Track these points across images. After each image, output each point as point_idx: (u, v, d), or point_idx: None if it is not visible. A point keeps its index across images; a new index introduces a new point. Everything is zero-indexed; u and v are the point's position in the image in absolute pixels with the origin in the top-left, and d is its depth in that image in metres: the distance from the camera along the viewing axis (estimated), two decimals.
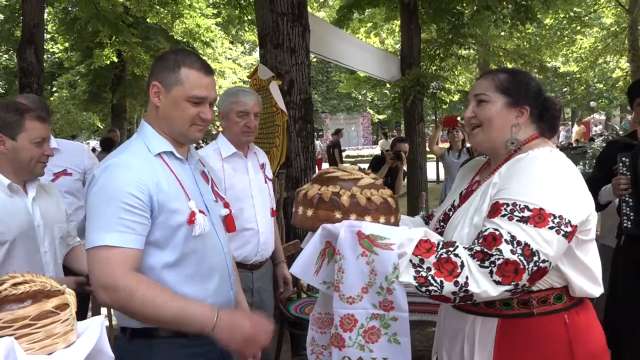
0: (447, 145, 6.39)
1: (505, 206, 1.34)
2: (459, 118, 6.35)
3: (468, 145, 6.21)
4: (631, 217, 2.70)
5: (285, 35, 4.59)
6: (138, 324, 1.55)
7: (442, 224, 1.60)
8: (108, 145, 8.35)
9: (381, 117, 32.11)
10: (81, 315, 2.67)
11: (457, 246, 1.31)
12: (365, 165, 6.58)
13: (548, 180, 1.35)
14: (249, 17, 10.11)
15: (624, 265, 2.73)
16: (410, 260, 1.30)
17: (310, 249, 1.39)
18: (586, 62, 20.79)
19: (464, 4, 9.44)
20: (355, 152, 28.04)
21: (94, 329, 0.92)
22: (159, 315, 1.42)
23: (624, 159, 2.76)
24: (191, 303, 1.48)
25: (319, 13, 16.80)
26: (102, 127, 19.24)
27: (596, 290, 1.45)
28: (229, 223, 1.79)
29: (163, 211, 1.50)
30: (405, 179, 6.97)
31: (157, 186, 1.51)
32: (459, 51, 10.96)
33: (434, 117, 12.58)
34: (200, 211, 1.57)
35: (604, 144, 6.73)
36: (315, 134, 25.19)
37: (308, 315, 3.11)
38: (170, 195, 1.52)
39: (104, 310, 3.40)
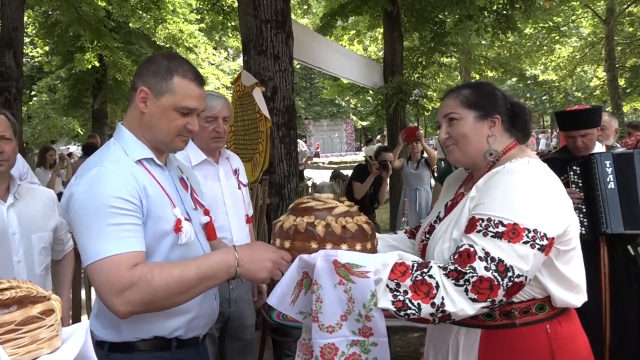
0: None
1: (480, 222, 1.34)
2: (420, 128, 6.35)
3: (426, 156, 6.27)
4: (585, 224, 2.77)
5: (269, 42, 4.61)
6: (117, 337, 1.51)
7: (427, 236, 1.60)
8: (91, 151, 8.23)
9: (364, 123, 32.30)
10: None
11: (432, 266, 1.32)
12: (349, 172, 6.61)
13: (523, 194, 1.35)
14: (233, 23, 10.12)
15: None
16: (387, 285, 1.30)
17: (287, 279, 1.40)
18: (565, 71, 21.24)
19: (446, 13, 9.57)
20: (339, 158, 28.12)
21: (79, 335, 0.92)
22: (186, 284, 1.38)
23: (575, 167, 2.85)
24: (206, 256, 1.47)
25: (302, 20, 16.87)
26: (82, 132, 18.99)
27: (578, 300, 1.46)
28: (209, 231, 1.74)
29: (150, 217, 1.46)
30: (388, 187, 7.02)
31: (144, 190, 1.46)
32: (441, 59, 11.10)
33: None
34: (186, 219, 1.54)
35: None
36: (305, 141, 25.25)
37: (291, 322, 3.12)
38: (155, 202, 1.48)
39: (84, 318, 3.36)
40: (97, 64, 14.01)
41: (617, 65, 17.65)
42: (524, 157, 1.47)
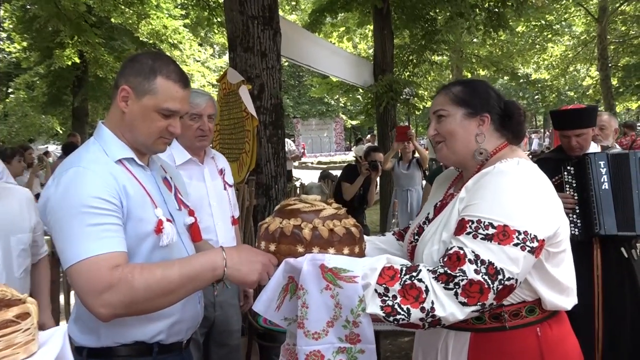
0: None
1: (470, 223, 1.35)
2: (411, 127, 6.31)
3: (417, 156, 6.28)
4: (578, 225, 2.80)
5: (256, 38, 4.60)
6: (96, 342, 1.49)
7: (416, 237, 1.61)
8: (71, 150, 8.07)
9: (354, 122, 32.37)
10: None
11: (421, 270, 1.32)
12: (338, 172, 6.61)
13: (513, 195, 1.35)
14: (219, 19, 10.09)
15: None
16: (375, 290, 1.30)
17: (273, 284, 1.39)
18: (557, 70, 21.49)
19: (437, 10, 9.63)
20: (328, 158, 28.15)
21: (57, 339, 0.91)
22: (168, 285, 1.35)
23: (569, 167, 2.88)
24: (191, 256, 1.46)
25: (290, 16, 16.86)
26: (61, 131, 18.79)
27: (568, 302, 1.47)
28: (194, 232, 1.73)
29: (130, 219, 1.45)
30: (378, 187, 7.03)
31: (124, 190, 1.45)
32: (432, 57, 11.17)
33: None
34: (168, 220, 1.53)
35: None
36: (293, 140, 25.23)
37: (278, 327, 3.11)
38: (136, 202, 1.47)
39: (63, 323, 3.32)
40: (78, 61, 13.85)
41: (609, 65, 17.88)
42: (514, 158, 1.48)
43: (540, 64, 21.78)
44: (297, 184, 8.75)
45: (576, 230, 2.79)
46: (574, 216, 2.81)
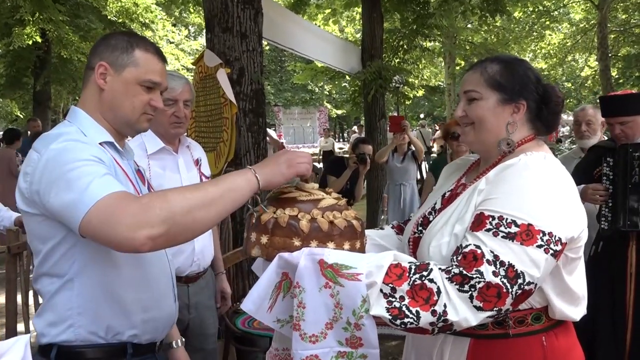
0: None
1: (490, 219, 1.32)
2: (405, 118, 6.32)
3: (413, 148, 6.29)
4: (609, 218, 2.86)
5: (236, 18, 4.54)
6: (68, 333, 1.47)
7: (420, 228, 1.57)
8: (10, 138, 7.91)
9: (339, 112, 32.36)
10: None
11: (432, 269, 1.29)
12: (322, 165, 6.59)
13: (539, 192, 1.33)
14: None
15: (598, 276, 2.80)
16: (381, 290, 1.27)
17: (265, 281, 1.34)
18: (555, 59, 21.71)
19: None
20: (311, 149, 28.11)
21: (18, 349, 0.88)
22: (205, 194, 1.30)
23: (608, 159, 2.95)
24: (217, 178, 1.43)
25: None
26: (22, 116, 18.48)
27: (577, 313, 1.46)
28: None
29: None
30: (365, 182, 7.04)
31: (113, 167, 1.47)
32: (424, 43, 11.18)
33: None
34: None
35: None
36: (274, 130, 25.15)
37: (257, 330, 3.11)
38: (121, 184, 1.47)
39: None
40: (40, 40, 13.55)
41: (609, 55, 18.12)
42: (540, 152, 1.45)
43: (538, 52, 22.00)
44: None
45: (606, 224, 2.86)
46: (606, 209, 2.88)
